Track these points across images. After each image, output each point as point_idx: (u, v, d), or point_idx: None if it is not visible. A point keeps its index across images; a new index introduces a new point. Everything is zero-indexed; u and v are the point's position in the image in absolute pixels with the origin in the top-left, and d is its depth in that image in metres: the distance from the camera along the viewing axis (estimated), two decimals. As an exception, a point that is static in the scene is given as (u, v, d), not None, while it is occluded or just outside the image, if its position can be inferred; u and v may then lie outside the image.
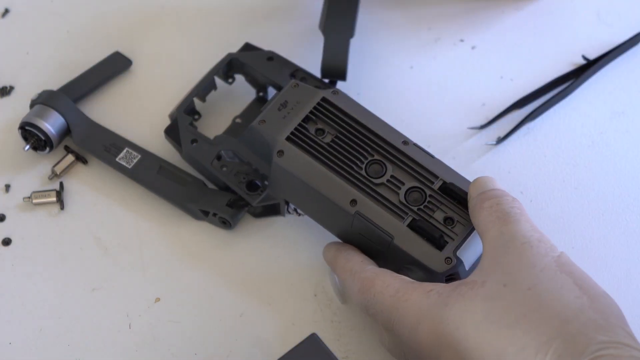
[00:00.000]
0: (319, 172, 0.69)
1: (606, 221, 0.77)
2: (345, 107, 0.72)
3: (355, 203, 0.68)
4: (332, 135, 0.71)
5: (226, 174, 0.76)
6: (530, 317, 0.57)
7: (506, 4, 0.89)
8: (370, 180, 0.69)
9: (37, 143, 0.79)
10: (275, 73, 0.80)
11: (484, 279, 0.61)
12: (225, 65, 0.81)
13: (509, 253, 0.61)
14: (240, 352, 0.71)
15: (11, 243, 0.77)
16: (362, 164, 0.70)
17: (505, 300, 0.58)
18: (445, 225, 0.68)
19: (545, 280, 0.59)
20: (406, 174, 0.70)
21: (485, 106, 0.83)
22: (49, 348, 0.72)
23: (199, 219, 0.77)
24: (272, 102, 0.73)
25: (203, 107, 0.82)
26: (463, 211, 0.68)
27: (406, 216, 0.68)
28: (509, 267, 0.60)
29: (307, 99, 0.72)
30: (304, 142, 0.70)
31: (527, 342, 0.56)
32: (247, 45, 0.83)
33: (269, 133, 0.71)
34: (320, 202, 0.69)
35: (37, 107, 0.79)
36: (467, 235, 0.67)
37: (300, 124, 0.71)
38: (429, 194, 0.69)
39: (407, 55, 0.86)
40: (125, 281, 0.75)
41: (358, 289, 0.67)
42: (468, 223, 0.67)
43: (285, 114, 0.72)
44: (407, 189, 0.69)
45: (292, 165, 0.70)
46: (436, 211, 0.68)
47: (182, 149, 0.77)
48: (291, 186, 0.71)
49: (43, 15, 0.89)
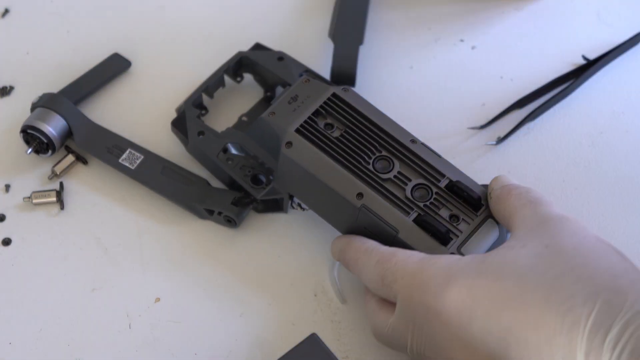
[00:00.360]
0: (327, 164, 0.70)
1: (606, 221, 0.77)
2: (355, 103, 0.72)
3: (362, 196, 0.69)
4: (340, 130, 0.72)
5: (231, 167, 0.76)
6: (578, 271, 0.56)
7: (506, 4, 0.89)
8: (377, 175, 0.70)
9: (39, 146, 0.79)
10: (286, 73, 0.80)
11: (523, 243, 0.60)
12: (235, 63, 0.81)
13: (547, 224, 0.60)
14: (240, 352, 0.71)
15: (11, 243, 0.77)
16: (369, 159, 0.70)
17: (551, 257, 0.58)
18: (451, 222, 0.68)
19: (589, 244, 0.58)
20: (413, 171, 0.70)
21: (485, 106, 0.83)
22: (49, 348, 0.72)
23: (204, 218, 0.77)
24: (282, 95, 0.73)
25: (210, 104, 0.82)
26: (468, 209, 0.69)
27: (412, 211, 0.68)
28: (549, 233, 0.60)
29: (317, 94, 0.73)
30: (313, 135, 0.71)
31: (575, 291, 0.55)
32: (258, 45, 0.83)
33: (278, 125, 0.71)
34: (327, 194, 0.70)
35: (39, 110, 0.79)
36: (471, 232, 0.68)
37: (310, 117, 0.72)
38: (435, 191, 0.69)
39: (407, 55, 0.86)
40: (125, 281, 0.75)
41: (377, 261, 0.65)
42: (473, 221, 0.68)
43: (295, 107, 0.72)
44: (413, 185, 0.70)
45: (300, 157, 0.70)
46: (442, 208, 0.69)
47: (189, 141, 0.77)
48: (298, 178, 0.71)
49: (43, 15, 0.89)
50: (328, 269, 0.75)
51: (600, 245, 0.59)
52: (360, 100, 0.73)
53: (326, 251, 0.76)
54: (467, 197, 0.68)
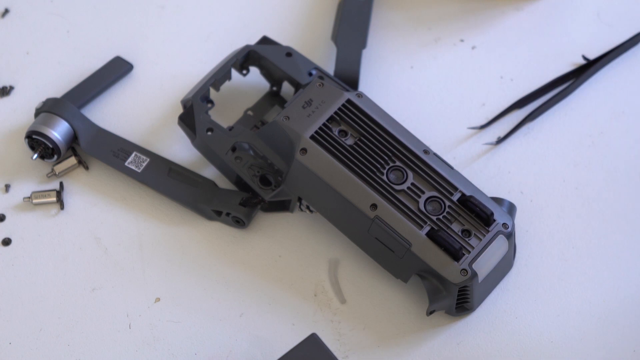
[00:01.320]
0: (341, 173, 0.70)
1: (606, 221, 0.77)
2: (369, 110, 0.72)
3: (376, 208, 0.69)
4: (355, 138, 0.72)
5: (240, 166, 0.75)
6: None
7: (506, 4, 0.89)
8: (391, 186, 0.70)
9: (44, 151, 0.78)
10: (294, 69, 0.79)
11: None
12: (242, 56, 0.80)
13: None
14: (240, 352, 0.71)
15: (11, 243, 0.77)
16: (383, 169, 0.70)
17: None
18: (462, 237, 0.68)
19: None
20: (426, 183, 0.70)
21: (485, 106, 0.83)
22: (49, 348, 0.72)
23: (211, 220, 0.77)
24: (296, 99, 0.73)
25: (215, 97, 0.82)
26: (480, 224, 0.69)
27: (425, 225, 0.69)
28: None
29: (332, 100, 0.73)
30: (328, 142, 0.71)
31: None
32: (265, 39, 0.82)
33: (293, 130, 0.71)
34: (339, 203, 0.70)
35: (43, 115, 0.78)
36: (482, 248, 0.68)
37: (325, 123, 0.71)
38: (448, 205, 0.69)
39: (407, 55, 0.86)
40: (125, 281, 0.75)
41: None
42: (484, 237, 0.69)
43: (310, 112, 0.72)
44: (426, 198, 0.70)
45: (315, 164, 0.70)
46: (454, 222, 0.69)
47: (196, 137, 0.76)
48: (310, 184, 0.71)
49: (43, 16, 0.89)
50: (328, 269, 0.75)
51: None
52: (374, 106, 0.73)
53: (326, 251, 0.76)
54: (479, 212, 0.69)
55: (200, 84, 0.79)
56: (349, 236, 0.73)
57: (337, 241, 0.76)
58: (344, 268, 0.75)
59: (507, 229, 0.69)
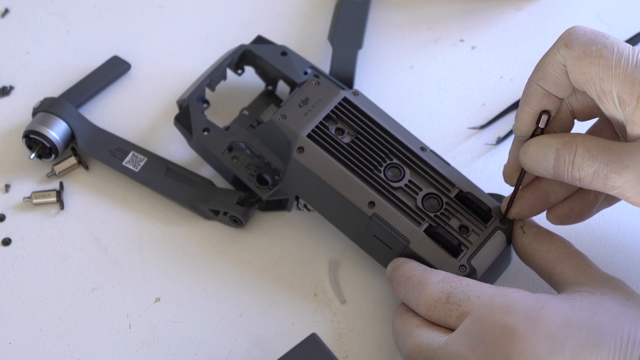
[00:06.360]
0: (338, 171, 0.70)
1: (606, 221, 0.77)
2: (365, 108, 0.72)
3: (373, 205, 0.69)
4: (351, 136, 0.72)
5: (237, 165, 0.76)
6: None
7: (506, 4, 0.89)
8: (388, 184, 0.70)
9: (42, 151, 0.79)
10: (289, 68, 0.79)
11: (601, 292, 0.63)
12: (237, 56, 0.81)
13: (613, 281, 0.65)
14: (240, 352, 0.71)
15: (11, 243, 0.77)
16: (380, 167, 0.71)
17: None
18: (460, 233, 0.68)
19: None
20: (424, 180, 0.70)
21: (485, 106, 0.83)
22: (49, 348, 0.72)
23: (208, 219, 0.77)
24: (292, 98, 0.73)
25: (210, 97, 0.82)
26: (478, 220, 0.69)
27: (423, 221, 0.69)
28: (622, 289, 0.65)
29: (328, 98, 0.73)
30: (325, 140, 0.71)
31: None
32: (259, 38, 0.82)
33: (289, 129, 0.71)
34: (337, 201, 0.70)
35: (40, 115, 0.79)
36: (481, 244, 0.68)
37: (322, 122, 0.72)
38: (446, 201, 0.70)
39: (407, 55, 0.86)
40: (125, 281, 0.75)
41: (441, 279, 0.65)
42: (482, 232, 0.69)
43: (306, 111, 0.72)
44: (424, 194, 0.70)
45: (312, 163, 0.70)
46: (452, 219, 0.69)
47: (193, 137, 0.77)
48: (308, 183, 0.71)
49: (43, 15, 0.89)
50: (328, 269, 0.75)
51: None
52: (370, 104, 0.73)
53: (326, 251, 0.76)
54: (477, 208, 0.69)
55: (196, 84, 0.79)
56: (347, 234, 0.73)
57: (337, 241, 0.76)
58: (344, 268, 0.75)
59: (505, 225, 0.69)
